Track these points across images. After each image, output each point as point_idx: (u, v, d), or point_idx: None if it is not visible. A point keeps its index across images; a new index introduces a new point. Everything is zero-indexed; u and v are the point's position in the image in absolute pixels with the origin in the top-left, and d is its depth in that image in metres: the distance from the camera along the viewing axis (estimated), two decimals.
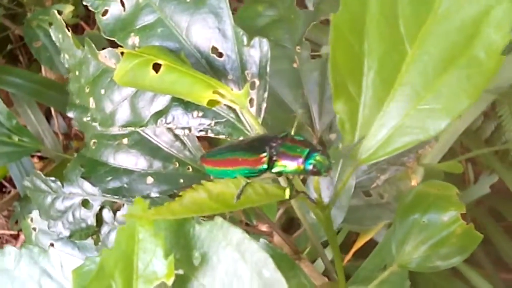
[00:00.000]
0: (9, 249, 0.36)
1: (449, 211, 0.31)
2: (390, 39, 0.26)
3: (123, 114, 0.37)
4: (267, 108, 0.57)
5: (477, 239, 0.30)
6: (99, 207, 0.49)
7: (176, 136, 0.43)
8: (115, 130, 0.44)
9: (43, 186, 0.51)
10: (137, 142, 0.44)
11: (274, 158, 0.27)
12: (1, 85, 0.67)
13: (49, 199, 0.51)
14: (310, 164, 0.26)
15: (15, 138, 0.58)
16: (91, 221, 0.49)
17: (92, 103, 0.38)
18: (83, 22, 0.82)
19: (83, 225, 0.50)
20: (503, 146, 0.62)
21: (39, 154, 0.79)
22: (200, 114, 0.35)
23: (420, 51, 0.26)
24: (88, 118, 0.42)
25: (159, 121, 0.36)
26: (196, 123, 0.35)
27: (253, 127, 0.34)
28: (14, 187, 0.75)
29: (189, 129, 0.35)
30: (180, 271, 0.27)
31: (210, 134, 0.35)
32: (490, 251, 0.63)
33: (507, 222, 0.65)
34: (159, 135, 0.44)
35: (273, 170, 0.27)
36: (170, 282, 0.25)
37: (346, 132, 0.28)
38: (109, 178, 0.44)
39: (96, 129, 0.45)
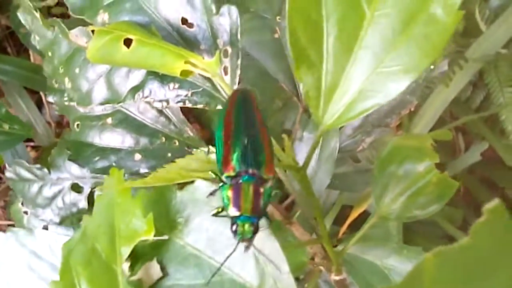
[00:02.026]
0: None
1: (424, 162, 0.32)
2: (348, 2, 0.27)
3: (100, 91, 0.39)
4: (251, 79, 0.58)
5: (453, 187, 0.32)
6: (89, 189, 0.51)
7: (161, 112, 0.45)
8: (98, 111, 0.46)
9: (27, 174, 0.52)
10: (121, 120, 0.45)
11: (231, 182, 0.28)
12: None
13: (35, 187, 0.53)
14: (237, 225, 0.27)
15: (6, 127, 0.59)
16: (83, 204, 0.51)
17: (67, 83, 0.40)
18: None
19: (74, 209, 0.52)
20: (491, 111, 0.63)
21: (32, 144, 0.81)
22: (177, 85, 0.37)
23: (378, 13, 0.27)
24: (67, 103, 0.43)
25: (136, 95, 0.37)
26: (173, 94, 0.37)
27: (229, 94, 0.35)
28: None
29: (167, 101, 0.36)
30: (165, 236, 0.29)
31: (188, 105, 0.36)
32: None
33: (499, 189, 0.66)
34: (143, 112, 0.45)
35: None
36: (151, 237, 0.27)
37: (311, 99, 0.29)
38: (96, 159, 0.45)
39: (78, 111, 0.46)
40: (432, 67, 0.55)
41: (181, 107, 0.47)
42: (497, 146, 0.63)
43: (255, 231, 0.27)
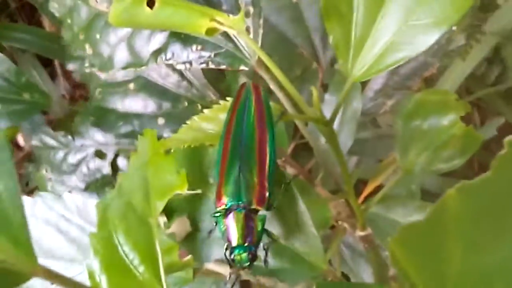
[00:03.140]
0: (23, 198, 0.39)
1: (448, 115, 0.33)
2: None
3: (122, 56, 0.40)
4: (270, 45, 0.58)
5: (477, 140, 0.33)
6: (113, 155, 0.52)
7: (183, 76, 0.46)
8: (119, 77, 0.47)
9: (52, 142, 0.54)
10: (143, 86, 0.47)
11: (224, 215, 0.29)
12: (6, 41, 0.70)
13: (60, 154, 0.54)
14: (233, 255, 0.28)
15: (26, 96, 0.60)
16: (107, 170, 0.53)
17: (88, 49, 0.41)
18: None
19: (98, 175, 0.53)
20: (508, 84, 0.63)
21: (46, 117, 0.82)
22: (199, 47, 0.37)
23: None
24: (88, 70, 0.44)
25: (158, 58, 0.38)
26: (196, 56, 0.37)
27: (253, 54, 0.36)
28: None
29: (190, 63, 0.37)
30: (199, 191, 0.30)
31: (211, 66, 0.37)
32: None
33: None
34: (165, 77, 0.46)
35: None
36: (184, 192, 0.28)
37: (340, 52, 0.30)
38: (120, 124, 0.47)
39: (100, 78, 0.47)
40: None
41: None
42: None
43: (253, 259, 0.28)
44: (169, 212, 0.31)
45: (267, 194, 0.29)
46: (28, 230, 0.19)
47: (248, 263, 0.28)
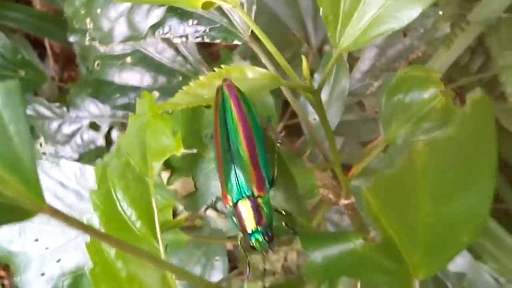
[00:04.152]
0: None
1: (429, 89, 0.35)
2: None
3: (121, 30, 0.41)
4: (263, 26, 0.60)
5: (456, 113, 0.34)
6: (107, 128, 0.54)
7: (178, 52, 0.47)
8: (117, 50, 0.48)
9: (47, 112, 0.55)
10: (140, 59, 0.48)
11: (233, 210, 0.30)
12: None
13: (55, 125, 0.55)
14: (251, 241, 0.30)
15: (21, 73, 0.61)
16: (101, 142, 0.54)
17: (89, 23, 0.42)
18: None
19: (92, 146, 0.54)
20: (491, 73, 0.65)
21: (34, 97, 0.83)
22: (195, 22, 0.39)
23: None
24: (88, 42, 0.45)
25: (156, 32, 0.39)
26: (192, 30, 0.39)
27: (246, 29, 0.37)
28: None
29: (186, 36, 0.39)
30: (194, 150, 0.32)
31: (206, 40, 0.38)
32: None
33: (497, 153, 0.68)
34: (161, 51, 0.48)
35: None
36: (179, 153, 0.30)
37: (330, 23, 0.32)
38: (116, 96, 0.48)
39: (99, 51, 0.49)
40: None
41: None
42: (495, 109, 0.65)
43: (271, 239, 0.30)
44: (171, 169, 0.33)
45: (265, 179, 0.31)
46: (37, 172, 0.21)
47: (267, 245, 0.30)
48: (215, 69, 0.33)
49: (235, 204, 0.30)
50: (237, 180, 0.30)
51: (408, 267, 0.25)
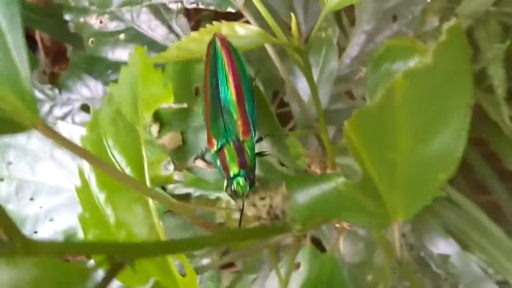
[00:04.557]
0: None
1: (415, 58, 0.36)
2: None
3: None
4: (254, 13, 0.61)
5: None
6: None
7: (171, 29, 0.49)
8: (111, 27, 0.49)
9: (38, 94, 0.56)
10: (133, 36, 0.49)
11: (218, 154, 0.31)
12: None
13: (46, 107, 0.56)
14: (232, 184, 0.31)
15: None
16: None
17: None
18: None
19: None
20: (479, 65, 0.66)
21: None
22: None
23: None
24: (82, 20, 0.46)
25: None
26: None
27: None
28: None
29: (181, 2, 0.40)
30: (185, 105, 0.33)
31: (201, 6, 0.39)
32: (467, 175, 0.68)
33: (485, 144, 0.69)
34: (154, 28, 0.49)
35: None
36: (169, 104, 0.31)
37: None
38: (109, 72, 0.49)
39: (93, 28, 0.50)
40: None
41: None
42: (483, 101, 0.67)
43: (252, 181, 0.31)
44: (161, 123, 0.33)
45: (251, 126, 0.32)
46: (31, 87, 0.22)
47: (248, 188, 0.30)
48: (206, 25, 0.34)
49: (220, 148, 0.31)
50: (224, 125, 0.31)
51: (387, 208, 0.26)
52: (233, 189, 0.31)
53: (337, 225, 0.37)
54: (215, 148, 0.31)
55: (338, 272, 0.28)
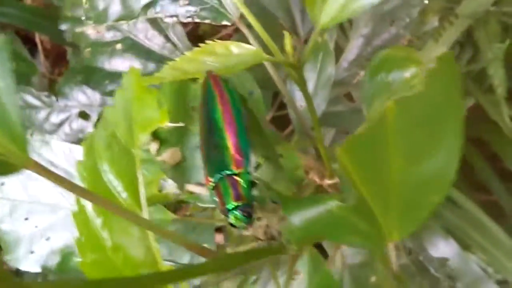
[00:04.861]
0: None
1: (410, 68, 0.36)
2: None
3: (116, 8, 0.42)
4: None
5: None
6: (97, 117, 0.55)
7: (168, 38, 0.49)
8: (108, 37, 0.49)
9: (35, 101, 0.56)
10: (130, 46, 0.49)
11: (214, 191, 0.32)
12: None
13: (43, 114, 0.56)
14: (230, 218, 0.31)
15: (12, 65, 0.61)
16: (90, 131, 0.55)
17: (85, 3, 0.43)
18: None
19: (81, 135, 0.55)
20: (479, 65, 0.66)
21: None
22: (186, 2, 0.40)
23: None
24: (79, 30, 0.46)
25: (148, 12, 0.40)
26: (183, 10, 0.40)
27: (235, 10, 0.39)
28: None
29: (177, 16, 0.40)
30: (181, 124, 0.33)
31: (196, 20, 0.40)
32: (468, 175, 0.68)
33: (485, 144, 0.69)
34: (151, 38, 0.49)
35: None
36: (165, 125, 0.31)
37: (309, 1, 0.33)
38: (106, 82, 0.49)
39: (89, 38, 0.50)
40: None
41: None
42: (483, 101, 0.66)
43: (249, 215, 0.31)
44: (160, 141, 0.34)
45: (244, 157, 0.32)
46: (23, 128, 0.22)
47: (246, 220, 0.31)
48: (200, 44, 0.34)
49: (215, 185, 0.31)
50: (216, 160, 0.32)
51: (382, 229, 0.26)
52: (231, 223, 0.31)
53: None
54: (210, 185, 0.31)
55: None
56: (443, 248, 0.61)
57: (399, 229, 0.26)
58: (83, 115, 0.55)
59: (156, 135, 0.34)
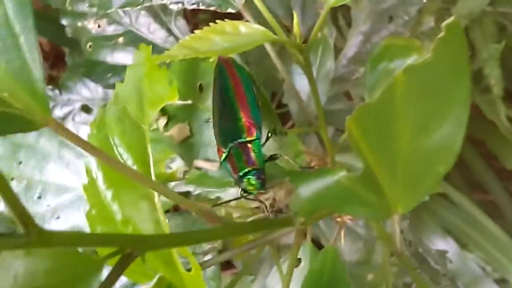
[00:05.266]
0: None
1: (411, 56, 0.37)
2: None
3: None
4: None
5: None
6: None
7: (170, 32, 0.50)
8: (109, 31, 0.50)
9: None
10: (132, 40, 0.50)
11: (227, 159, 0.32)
12: None
13: None
14: (243, 183, 0.31)
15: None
16: None
17: None
18: None
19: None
20: (475, 65, 0.67)
21: None
22: None
23: None
24: (80, 24, 0.47)
25: None
26: None
27: None
28: None
29: (182, 3, 0.41)
30: (189, 101, 0.34)
31: (202, 7, 0.41)
32: (465, 174, 0.69)
33: (481, 144, 0.71)
34: (153, 31, 0.50)
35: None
36: (175, 102, 0.32)
37: None
38: (109, 75, 0.50)
39: (91, 33, 0.51)
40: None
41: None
42: (479, 101, 0.68)
43: (263, 181, 0.31)
44: (168, 116, 0.35)
45: (255, 126, 0.33)
46: (44, 86, 0.23)
47: (259, 185, 0.31)
48: (210, 23, 0.35)
49: (228, 153, 0.32)
50: (228, 130, 0.33)
51: (388, 201, 0.27)
52: (244, 188, 0.31)
53: (338, 219, 0.38)
54: (223, 156, 0.32)
55: (339, 263, 0.29)
56: (441, 246, 0.62)
57: (404, 200, 0.27)
58: (86, 109, 0.56)
59: (164, 111, 0.35)
